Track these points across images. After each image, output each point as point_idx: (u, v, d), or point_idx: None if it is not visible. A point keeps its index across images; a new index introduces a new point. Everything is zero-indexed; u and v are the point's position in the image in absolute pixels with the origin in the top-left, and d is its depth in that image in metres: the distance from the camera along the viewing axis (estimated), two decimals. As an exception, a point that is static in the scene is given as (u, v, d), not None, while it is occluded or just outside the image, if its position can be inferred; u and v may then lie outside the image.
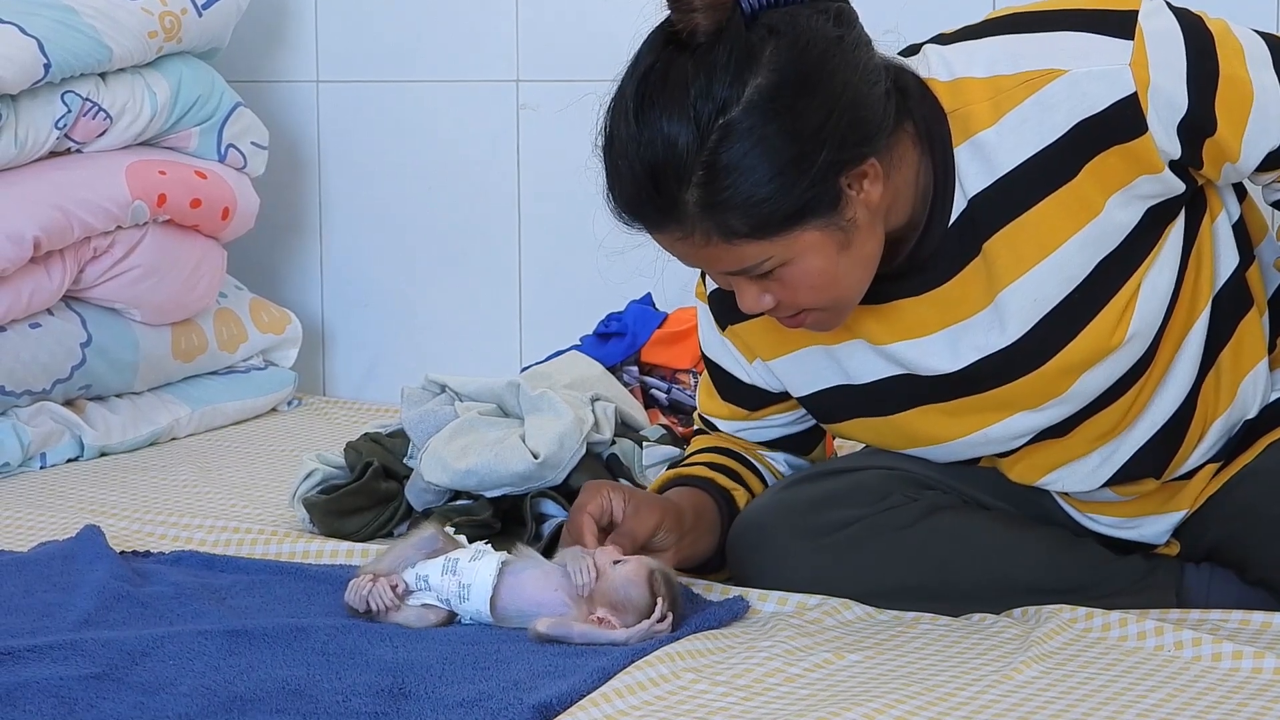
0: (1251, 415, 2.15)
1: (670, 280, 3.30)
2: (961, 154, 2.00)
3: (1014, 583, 2.17)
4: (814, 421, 2.28)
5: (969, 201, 2.01)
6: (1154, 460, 2.13)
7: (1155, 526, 2.21)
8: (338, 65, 3.64)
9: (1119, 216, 1.99)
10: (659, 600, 2.01)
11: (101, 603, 2.13)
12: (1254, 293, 2.12)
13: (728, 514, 2.26)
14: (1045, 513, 2.26)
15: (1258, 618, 2.10)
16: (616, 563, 2.03)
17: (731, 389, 2.28)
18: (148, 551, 2.43)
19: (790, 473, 2.34)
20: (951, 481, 2.25)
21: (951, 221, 2.02)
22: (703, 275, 2.25)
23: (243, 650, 1.95)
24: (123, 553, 2.38)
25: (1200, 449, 2.15)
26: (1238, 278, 2.10)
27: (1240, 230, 2.11)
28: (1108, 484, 2.15)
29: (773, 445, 2.33)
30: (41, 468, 3.05)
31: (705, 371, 2.32)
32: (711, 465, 2.30)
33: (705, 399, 2.34)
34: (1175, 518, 2.20)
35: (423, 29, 3.54)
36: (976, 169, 2.00)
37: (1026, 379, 2.06)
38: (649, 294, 3.13)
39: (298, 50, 3.67)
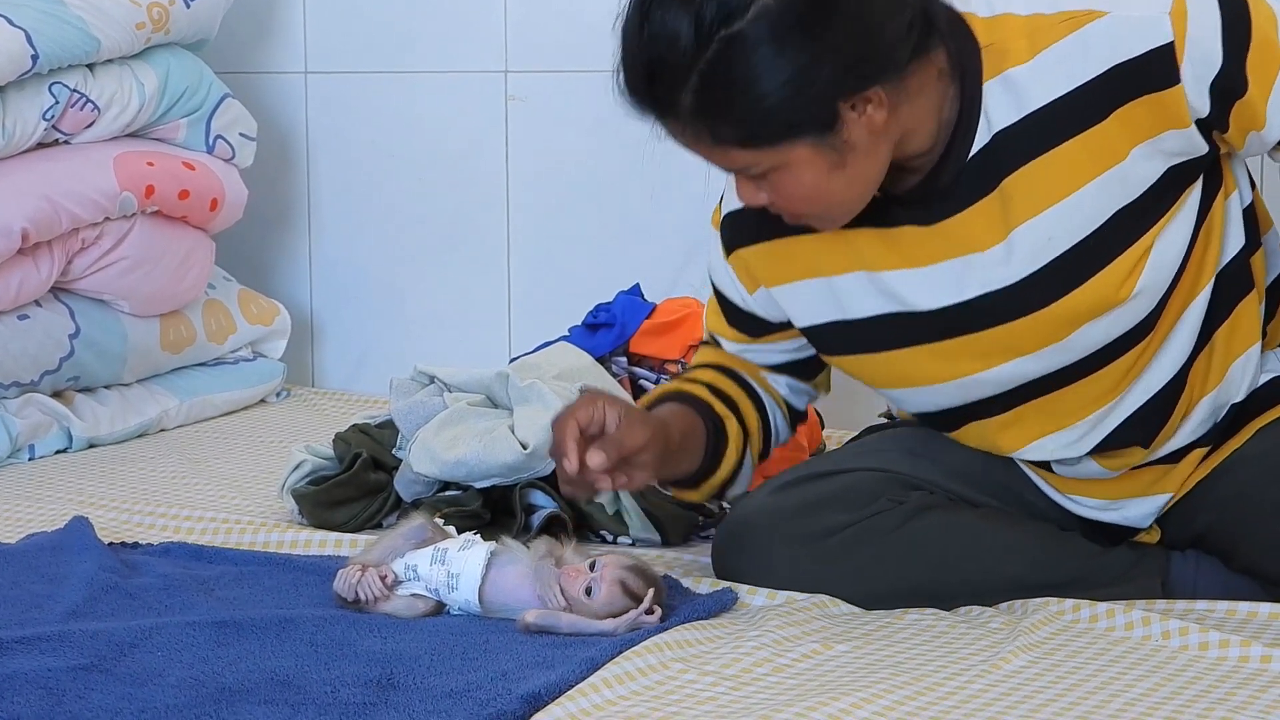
0: (1239, 399, 2.15)
1: (659, 272, 3.31)
2: (992, 88, 2.01)
3: (1002, 579, 2.18)
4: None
5: (993, 136, 2.02)
6: (1142, 431, 2.13)
7: (1139, 509, 2.21)
8: (326, 56, 3.63)
9: (1141, 168, 2.00)
10: (641, 601, 2.02)
11: (90, 594, 2.13)
12: (1255, 277, 2.13)
13: (713, 442, 2.22)
14: (1028, 505, 2.26)
15: (1244, 607, 2.11)
16: (589, 590, 2.03)
17: (733, 315, 2.27)
18: (136, 543, 2.43)
19: (790, 397, 2.31)
20: (938, 479, 2.25)
21: (972, 154, 2.03)
22: (719, 202, 2.27)
23: (231, 641, 1.95)
24: (111, 544, 2.38)
25: (1186, 427, 2.15)
26: (1242, 259, 2.11)
27: (1250, 215, 2.12)
28: (1094, 451, 2.15)
29: (776, 369, 2.30)
30: (30, 459, 3.05)
31: (712, 293, 2.31)
32: (710, 387, 2.26)
33: (712, 317, 2.32)
34: (1160, 500, 2.20)
35: (411, 20, 3.54)
36: (1005, 104, 2.01)
37: (1027, 320, 2.05)
38: (637, 285, 3.12)
39: (286, 41, 3.66)
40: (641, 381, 2.94)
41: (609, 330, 3.04)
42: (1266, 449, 2.14)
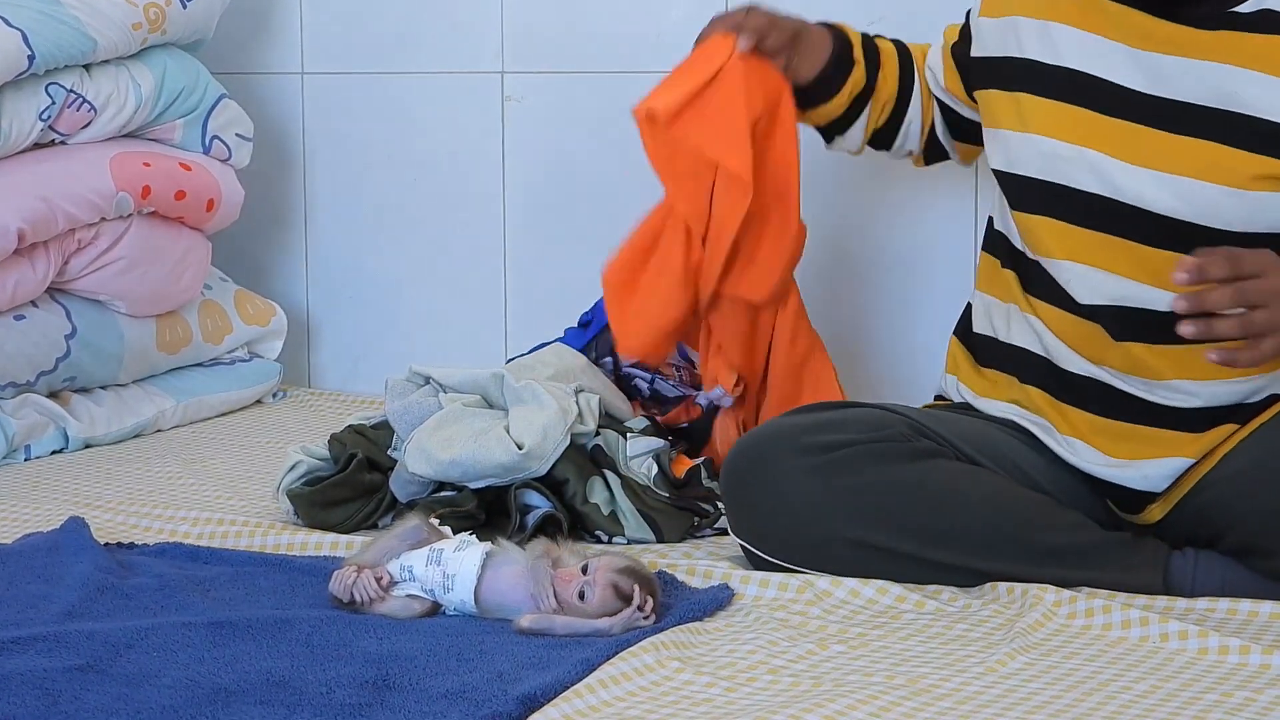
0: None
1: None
2: None
3: (1002, 534, 2.20)
4: None
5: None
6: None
7: (1154, 470, 2.22)
8: (322, 57, 3.63)
9: None
10: (638, 591, 2.02)
11: (86, 594, 2.13)
12: None
13: (837, 59, 2.51)
14: (1033, 482, 2.29)
15: (1244, 606, 2.11)
16: (581, 594, 2.03)
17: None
18: (132, 543, 2.43)
19: (937, 131, 2.59)
20: (948, 437, 2.29)
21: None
22: None
23: (227, 642, 1.95)
24: (107, 545, 2.38)
25: (1243, 385, 2.20)
26: None
27: None
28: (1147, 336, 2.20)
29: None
30: (26, 460, 3.05)
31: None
32: (865, 39, 2.55)
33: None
34: (1175, 465, 2.22)
35: (408, 21, 3.54)
36: None
37: (1231, 149, 2.16)
38: (634, 286, 3.13)
39: (282, 42, 3.66)
40: (636, 382, 2.94)
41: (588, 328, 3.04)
42: None
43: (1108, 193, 2.21)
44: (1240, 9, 2.18)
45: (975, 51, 2.40)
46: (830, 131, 2.61)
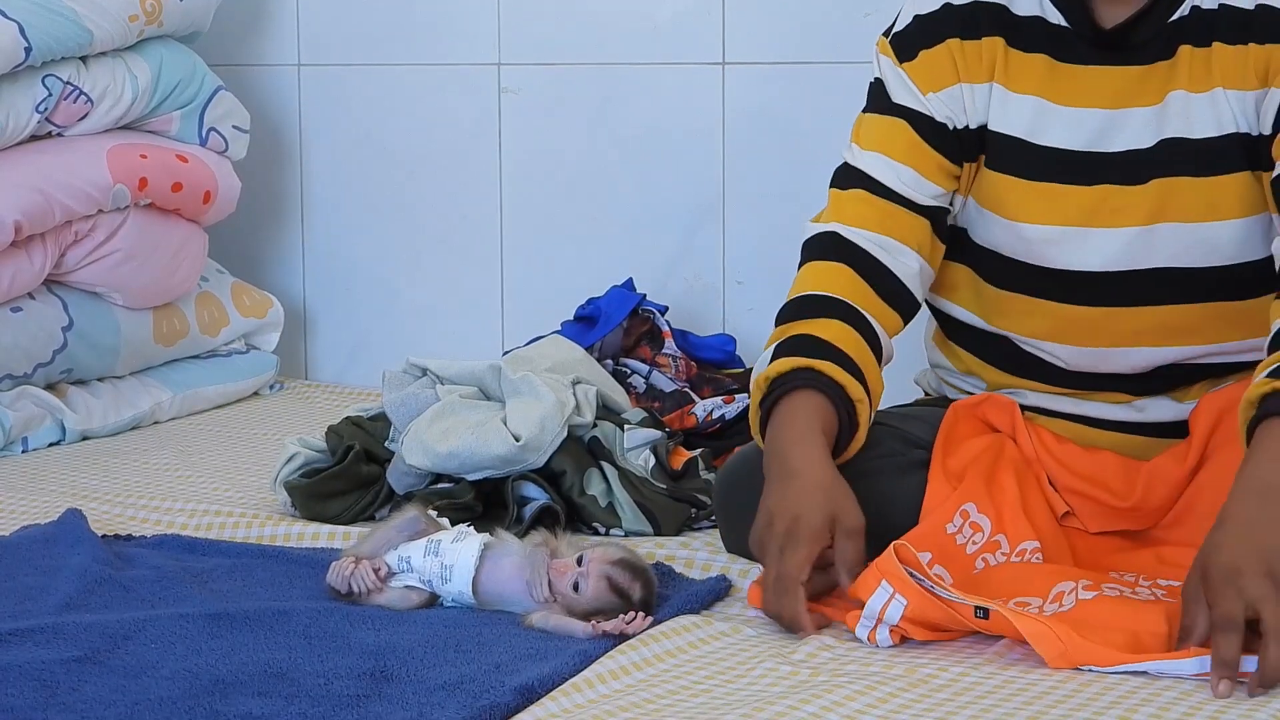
0: None
1: (652, 265, 3.31)
2: None
3: None
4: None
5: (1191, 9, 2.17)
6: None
7: (1167, 409, 2.26)
8: (319, 49, 3.63)
9: None
10: (629, 597, 2.02)
11: (83, 586, 2.13)
12: None
13: (847, 427, 2.15)
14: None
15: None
16: (576, 585, 2.03)
17: (931, 132, 2.26)
18: (129, 535, 2.43)
19: (918, 279, 2.26)
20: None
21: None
22: (890, 32, 2.31)
23: (225, 633, 1.95)
24: (104, 536, 2.38)
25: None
26: None
27: None
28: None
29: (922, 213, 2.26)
30: (23, 452, 3.05)
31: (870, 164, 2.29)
32: (842, 361, 2.15)
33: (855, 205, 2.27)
34: (1183, 408, 2.25)
35: (404, 12, 3.53)
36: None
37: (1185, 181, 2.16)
38: (630, 279, 3.13)
39: (279, 34, 3.66)
40: (632, 378, 2.94)
41: (594, 324, 3.04)
42: None
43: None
44: (1180, 14, 2.18)
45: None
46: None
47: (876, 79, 2.30)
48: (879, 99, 2.29)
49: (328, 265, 3.69)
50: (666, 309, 3.07)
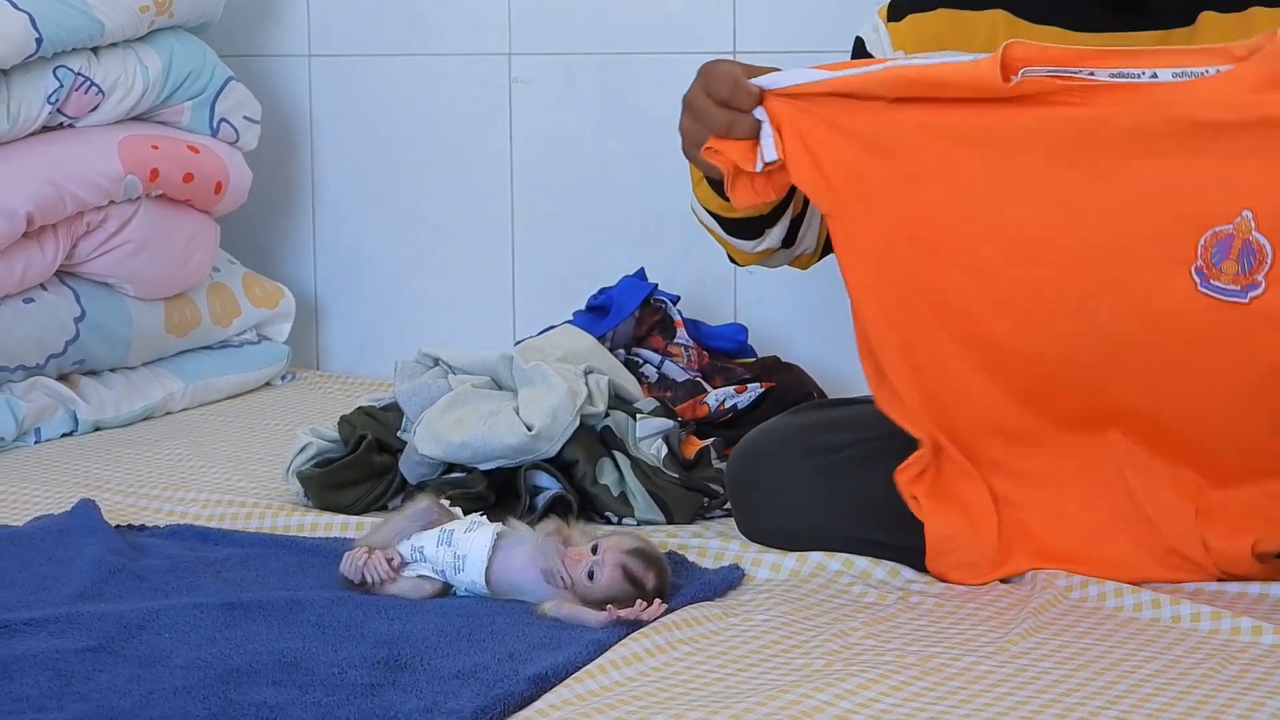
0: None
1: (663, 255, 3.31)
2: None
3: None
4: None
5: None
6: None
7: None
8: (330, 39, 3.63)
9: None
10: (644, 586, 2.02)
11: (97, 576, 2.13)
12: None
13: None
14: None
15: (1254, 589, 2.11)
16: (590, 574, 2.03)
17: None
18: (143, 525, 2.43)
19: None
20: None
21: None
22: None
23: (239, 623, 1.96)
24: (118, 527, 2.38)
25: None
26: None
27: None
28: None
29: None
30: (36, 442, 3.05)
31: None
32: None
33: None
34: None
35: (414, 3, 3.53)
36: None
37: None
38: (642, 269, 3.13)
39: (290, 24, 3.66)
40: (644, 367, 2.94)
41: (606, 314, 3.04)
42: None
43: None
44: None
45: None
46: (760, 225, 2.32)
47: (857, 36, 2.31)
48: (854, 55, 2.33)
49: (339, 256, 3.69)
50: (678, 298, 3.07)
